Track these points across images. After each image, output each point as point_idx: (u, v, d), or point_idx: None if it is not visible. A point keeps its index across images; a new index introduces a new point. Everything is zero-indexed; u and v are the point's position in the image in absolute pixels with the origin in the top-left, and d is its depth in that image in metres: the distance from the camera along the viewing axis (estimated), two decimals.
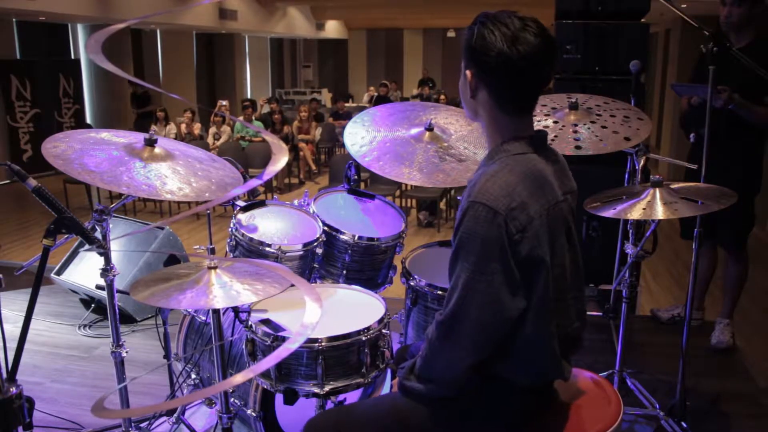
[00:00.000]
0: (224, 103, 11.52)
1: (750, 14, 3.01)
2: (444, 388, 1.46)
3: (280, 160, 1.70)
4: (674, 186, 2.26)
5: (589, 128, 2.39)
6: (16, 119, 10.56)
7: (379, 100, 13.51)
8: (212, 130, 10.09)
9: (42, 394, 2.96)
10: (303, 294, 1.54)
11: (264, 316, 1.96)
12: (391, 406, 1.56)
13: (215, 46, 16.01)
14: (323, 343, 1.80)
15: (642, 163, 2.47)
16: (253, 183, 1.87)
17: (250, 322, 1.92)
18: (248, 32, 16.00)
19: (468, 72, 1.42)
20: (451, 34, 19.84)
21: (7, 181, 1.96)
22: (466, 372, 1.41)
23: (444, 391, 1.46)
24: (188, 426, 2.50)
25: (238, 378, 1.48)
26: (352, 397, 2.39)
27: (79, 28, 12.21)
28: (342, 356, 1.85)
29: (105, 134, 2.18)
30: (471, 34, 1.39)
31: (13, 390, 1.53)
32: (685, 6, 7.95)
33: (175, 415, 2.52)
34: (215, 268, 1.87)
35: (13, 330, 1.84)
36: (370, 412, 1.59)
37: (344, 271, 2.49)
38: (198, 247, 2.09)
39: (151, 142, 2.10)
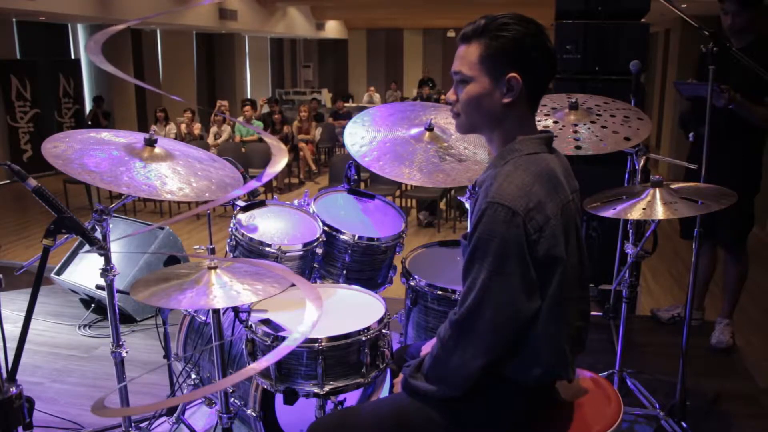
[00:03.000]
0: (223, 103, 11.50)
1: (752, 19, 3.01)
2: (453, 388, 1.46)
3: (280, 162, 1.71)
4: (674, 186, 2.26)
5: (589, 128, 2.39)
6: (16, 119, 10.57)
7: None
8: (213, 129, 10.10)
9: (42, 394, 2.96)
10: (303, 294, 1.54)
11: (264, 316, 1.96)
12: (393, 408, 1.56)
13: (215, 46, 16.01)
14: (323, 343, 1.80)
15: (642, 163, 2.47)
16: (253, 184, 1.87)
17: (250, 322, 1.92)
18: (248, 32, 16.00)
19: (514, 75, 1.39)
20: (451, 34, 19.83)
21: (7, 181, 1.96)
22: (477, 372, 1.41)
23: (453, 392, 1.46)
24: (188, 426, 2.50)
25: (237, 377, 1.48)
26: (352, 397, 2.39)
27: (79, 28, 12.23)
28: (342, 356, 1.84)
29: (105, 134, 2.18)
30: (516, 35, 1.38)
31: (13, 390, 1.53)
32: (685, 6, 7.95)
33: (175, 414, 2.52)
34: (215, 268, 1.87)
35: (13, 330, 1.83)
36: (372, 414, 1.59)
37: (344, 271, 2.49)
38: (198, 247, 2.09)
39: (151, 142, 2.10)
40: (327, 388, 1.83)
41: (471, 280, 1.38)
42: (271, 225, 2.47)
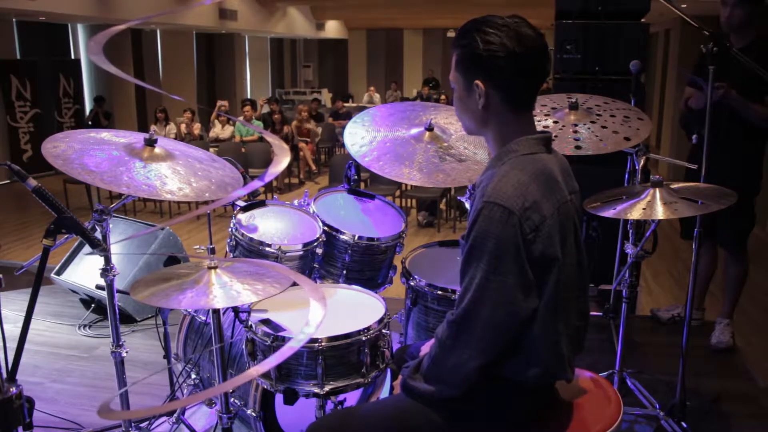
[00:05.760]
0: (223, 103, 11.51)
1: (751, 15, 3.01)
2: (452, 388, 1.46)
3: (282, 161, 1.70)
4: (674, 186, 2.26)
5: (589, 128, 2.39)
6: (16, 119, 10.56)
7: None
8: (216, 129, 10.11)
9: (42, 394, 2.96)
10: (306, 293, 1.54)
11: (264, 316, 1.96)
12: (393, 409, 1.56)
13: (215, 46, 16.01)
14: (323, 343, 1.80)
15: (642, 163, 2.47)
16: (255, 184, 1.87)
17: (250, 322, 1.92)
18: (248, 32, 16.00)
19: (477, 82, 1.41)
20: (451, 34, 19.83)
21: (7, 181, 1.97)
22: (475, 372, 1.41)
23: (452, 392, 1.46)
24: (188, 426, 2.50)
25: (239, 379, 1.48)
26: (352, 397, 2.39)
27: (79, 28, 12.23)
28: (342, 356, 1.85)
29: (105, 134, 2.18)
30: (472, 43, 1.39)
31: (13, 390, 1.53)
32: (685, 6, 7.96)
33: (175, 415, 2.52)
34: (215, 268, 1.87)
35: (13, 330, 1.84)
36: (371, 415, 1.59)
37: (344, 271, 2.49)
38: (198, 247, 2.09)
39: (151, 142, 2.10)
40: (327, 388, 1.83)
41: (468, 280, 1.39)
42: (271, 225, 2.47)
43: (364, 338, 1.86)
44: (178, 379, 2.57)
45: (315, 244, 2.38)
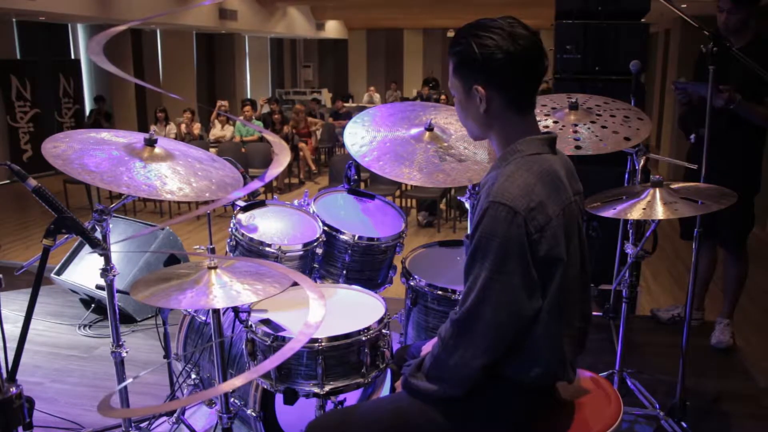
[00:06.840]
0: (223, 103, 11.50)
1: (748, 18, 3.01)
2: (454, 387, 1.46)
3: (283, 161, 1.70)
4: (674, 186, 2.26)
5: (589, 128, 2.39)
6: (16, 119, 10.56)
7: None
8: (216, 129, 10.12)
9: (42, 394, 2.96)
10: (306, 292, 1.54)
11: (264, 316, 1.96)
12: (392, 408, 1.56)
13: (215, 46, 16.01)
14: (323, 343, 1.80)
15: (642, 163, 2.47)
16: (255, 184, 1.87)
17: (250, 322, 1.92)
18: (248, 32, 16.00)
19: (477, 87, 1.41)
20: (450, 34, 19.81)
21: (7, 181, 1.96)
22: (478, 372, 1.41)
23: (453, 391, 1.46)
24: (188, 426, 2.50)
25: (239, 380, 1.48)
26: (352, 397, 2.39)
27: (79, 28, 12.23)
28: (342, 356, 1.85)
29: (105, 134, 2.18)
30: (467, 48, 1.39)
31: (13, 390, 1.53)
32: (685, 6, 7.95)
33: (175, 415, 2.52)
34: (215, 268, 1.87)
35: (13, 330, 1.84)
36: (371, 413, 1.59)
37: (344, 271, 2.49)
38: (198, 247, 2.09)
39: (151, 142, 2.10)
40: (327, 388, 1.83)
41: (472, 279, 1.39)
42: (271, 225, 2.47)
43: (364, 338, 1.86)
44: (178, 379, 2.57)
45: (315, 244, 2.38)
